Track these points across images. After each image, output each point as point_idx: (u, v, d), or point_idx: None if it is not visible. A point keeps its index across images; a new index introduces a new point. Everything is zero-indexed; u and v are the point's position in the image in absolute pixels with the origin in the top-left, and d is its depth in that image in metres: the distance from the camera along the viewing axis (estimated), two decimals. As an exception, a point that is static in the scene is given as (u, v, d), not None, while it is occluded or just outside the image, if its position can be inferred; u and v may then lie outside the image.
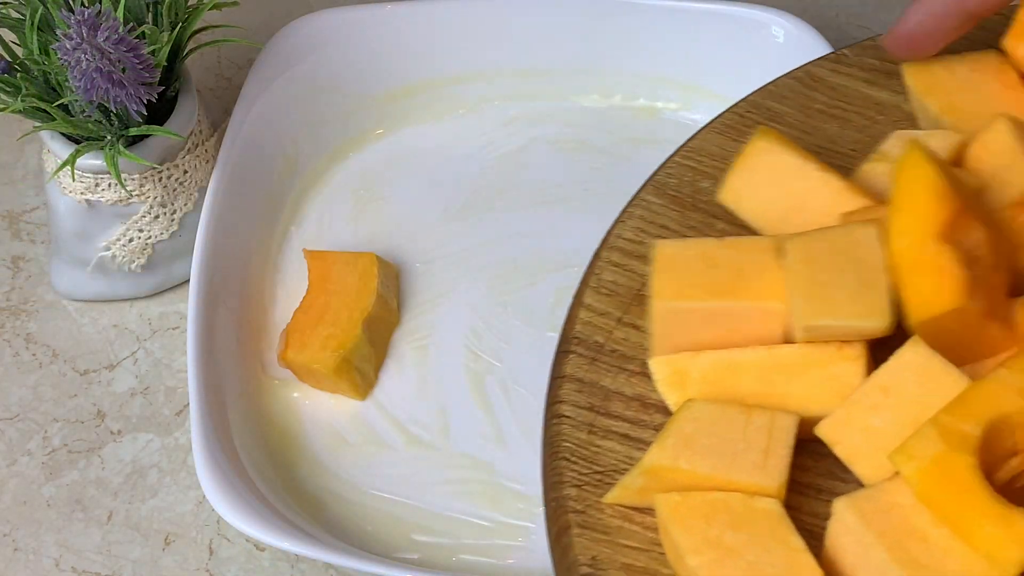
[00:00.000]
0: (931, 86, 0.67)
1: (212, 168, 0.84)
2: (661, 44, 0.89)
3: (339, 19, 0.90)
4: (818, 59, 0.72)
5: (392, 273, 0.85)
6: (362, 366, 0.80)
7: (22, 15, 0.80)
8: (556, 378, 0.62)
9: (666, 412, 0.60)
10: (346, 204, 0.89)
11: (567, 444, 0.59)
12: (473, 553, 0.76)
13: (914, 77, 0.68)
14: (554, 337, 0.83)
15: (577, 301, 0.64)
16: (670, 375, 0.59)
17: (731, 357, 0.59)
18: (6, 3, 0.80)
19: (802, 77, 0.71)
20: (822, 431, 0.57)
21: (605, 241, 0.65)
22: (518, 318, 0.84)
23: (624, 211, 0.66)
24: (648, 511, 0.57)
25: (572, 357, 0.62)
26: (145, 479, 0.80)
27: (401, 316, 0.84)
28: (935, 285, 0.57)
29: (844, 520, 0.54)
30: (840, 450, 0.57)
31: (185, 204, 0.85)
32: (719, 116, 0.70)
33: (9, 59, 0.79)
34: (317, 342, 0.80)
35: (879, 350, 0.59)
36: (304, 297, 0.82)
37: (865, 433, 0.56)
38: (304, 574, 0.77)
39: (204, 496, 0.77)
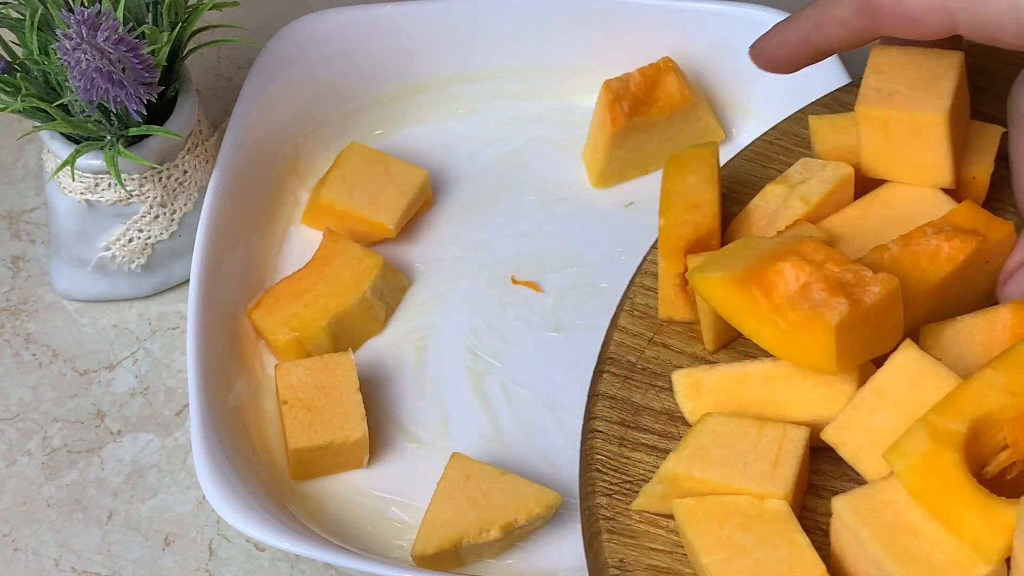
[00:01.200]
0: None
1: (212, 168, 0.84)
2: (661, 44, 0.89)
3: (339, 19, 0.90)
4: (845, 85, 0.76)
5: (399, 285, 0.85)
6: (315, 351, 0.81)
7: (22, 15, 0.80)
8: (592, 396, 0.66)
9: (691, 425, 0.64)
10: (346, 204, 0.89)
11: (599, 456, 0.64)
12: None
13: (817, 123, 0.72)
14: (554, 337, 0.83)
15: (613, 324, 0.68)
16: (688, 386, 0.64)
17: (740, 369, 0.63)
18: (6, 3, 0.80)
19: (829, 103, 0.75)
20: (828, 436, 0.61)
21: (640, 268, 0.70)
22: (518, 318, 0.84)
23: (658, 238, 0.69)
24: (672, 516, 0.61)
25: (606, 376, 0.66)
26: (145, 479, 0.80)
27: (390, 324, 0.84)
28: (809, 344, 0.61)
29: (842, 517, 0.57)
30: (844, 452, 0.60)
31: (185, 204, 0.85)
32: (749, 145, 0.73)
33: (9, 59, 0.79)
34: (282, 315, 0.81)
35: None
36: (300, 268, 0.83)
37: (866, 434, 0.60)
38: (304, 574, 0.77)
39: (204, 496, 0.77)
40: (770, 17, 0.88)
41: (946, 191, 0.68)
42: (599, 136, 0.87)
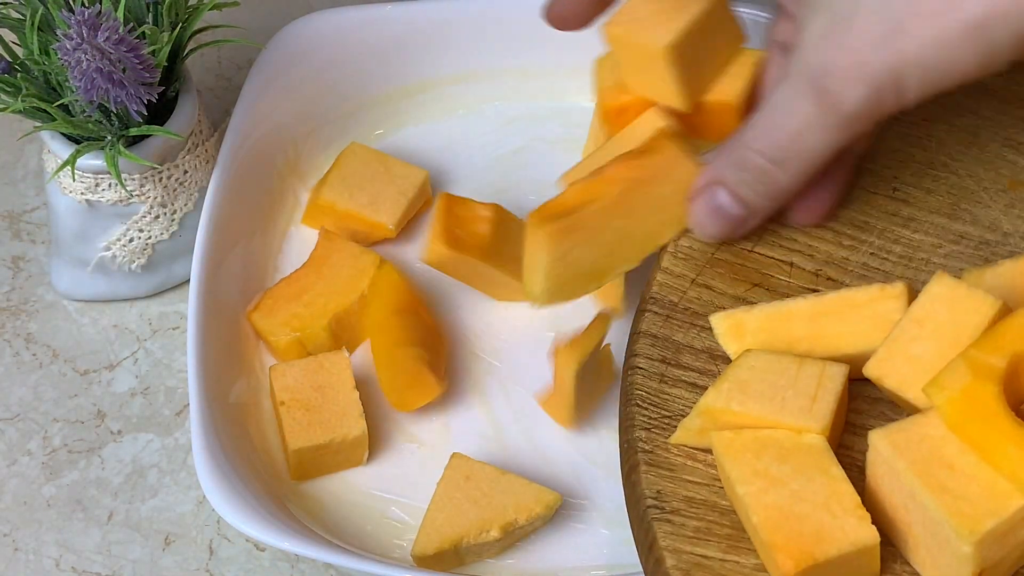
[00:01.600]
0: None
1: (212, 168, 0.84)
2: (661, 44, 0.89)
3: (339, 19, 0.90)
4: None
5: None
6: (315, 351, 0.81)
7: (22, 15, 0.80)
8: (633, 334, 0.67)
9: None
10: (346, 204, 0.89)
11: (639, 392, 0.65)
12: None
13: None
14: (554, 337, 0.83)
15: (656, 266, 0.69)
16: (729, 328, 0.65)
17: (783, 307, 0.64)
18: (6, 3, 0.80)
19: None
20: (870, 371, 0.61)
21: None
22: (518, 318, 0.84)
23: None
24: (710, 451, 0.62)
25: (648, 315, 0.67)
26: (145, 479, 0.80)
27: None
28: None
29: (879, 450, 0.58)
30: (889, 383, 0.61)
31: (185, 204, 0.85)
32: None
33: (9, 59, 0.79)
34: (282, 316, 0.81)
35: None
36: (298, 269, 0.83)
37: (910, 363, 0.60)
38: (304, 574, 0.77)
39: (204, 496, 0.77)
40: (771, 18, 0.88)
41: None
42: (599, 135, 0.87)
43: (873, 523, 0.58)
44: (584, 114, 0.90)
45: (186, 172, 0.84)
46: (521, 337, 0.84)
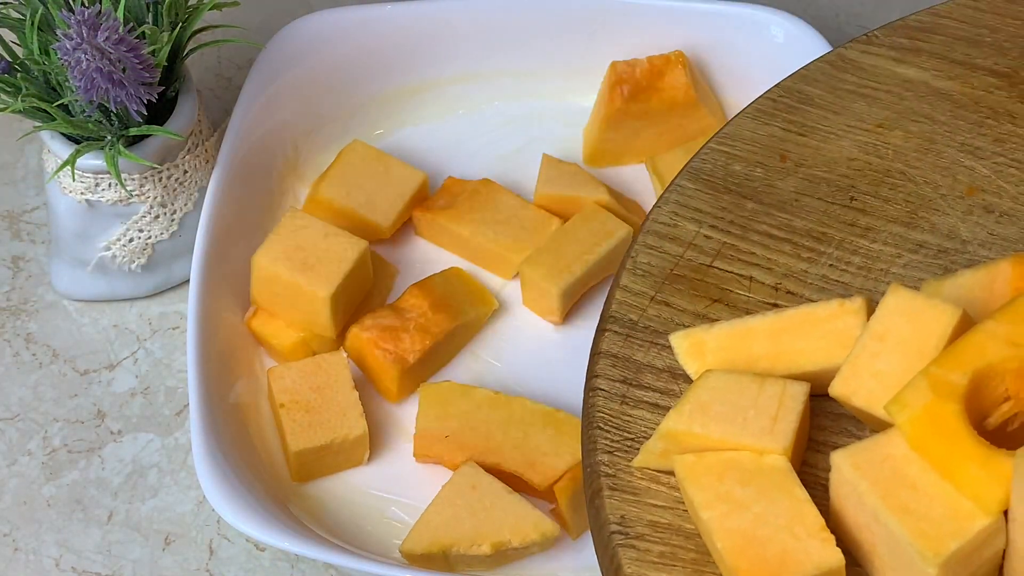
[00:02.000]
0: None
1: (212, 168, 0.84)
2: (660, 44, 0.89)
3: (339, 19, 0.90)
4: (850, 41, 0.76)
5: (388, 272, 0.85)
6: (320, 350, 0.81)
7: (22, 15, 0.80)
8: (594, 355, 0.66)
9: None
10: (346, 204, 0.89)
11: (601, 414, 0.64)
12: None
13: None
14: (554, 337, 0.83)
15: (615, 283, 0.68)
16: (689, 347, 0.64)
17: (743, 325, 0.63)
18: (6, 3, 0.80)
19: (834, 60, 0.75)
20: (835, 391, 0.60)
21: (642, 226, 0.69)
22: (518, 318, 0.84)
23: (661, 197, 0.70)
24: (673, 473, 0.61)
25: (608, 335, 0.66)
26: (145, 479, 0.80)
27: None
28: None
29: (841, 471, 0.58)
30: (857, 401, 0.60)
31: (185, 204, 0.85)
32: (752, 103, 0.73)
33: (9, 59, 0.79)
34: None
35: None
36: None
37: (876, 379, 0.60)
38: (304, 574, 0.77)
39: (204, 496, 0.77)
40: (770, 17, 0.88)
41: None
42: (596, 114, 0.88)
43: (838, 545, 0.57)
44: (584, 114, 0.91)
45: (186, 172, 0.84)
46: (521, 337, 0.84)
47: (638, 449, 0.62)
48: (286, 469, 0.78)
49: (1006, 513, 0.55)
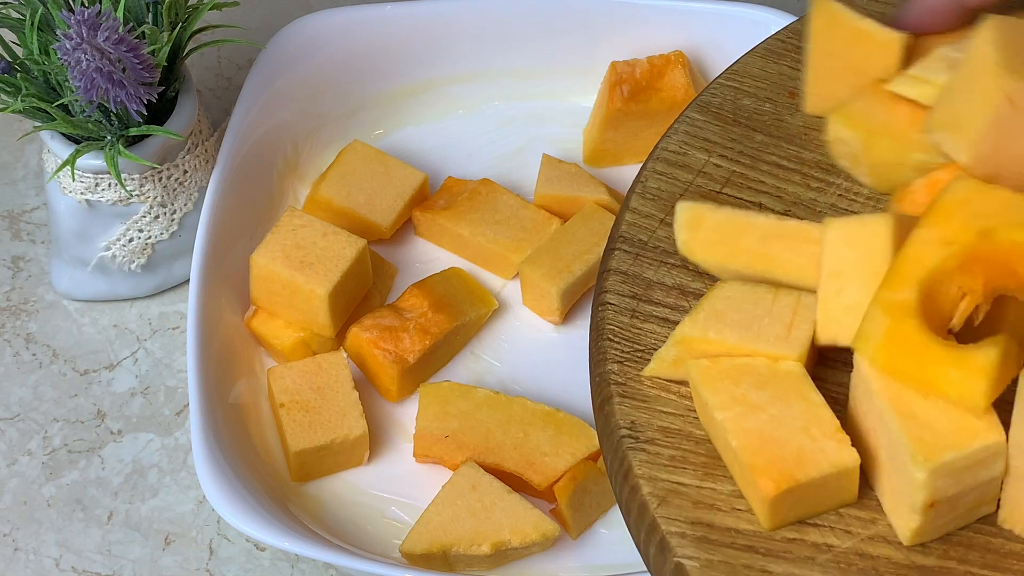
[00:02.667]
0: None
1: (212, 168, 0.84)
2: (660, 44, 0.89)
3: (339, 19, 0.90)
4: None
5: (388, 272, 0.85)
6: (320, 350, 0.81)
7: (22, 15, 0.80)
8: (603, 272, 0.67)
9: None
10: (346, 204, 0.89)
11: (610, 327, 0.64)
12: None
13: None
14: (554, 337, 0.83)
15: (624, 206, 0.69)
16: (689, 217, 0.64)
17: (744, 218, 0.63)
18: (6, 3, 0.80)
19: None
20: (821, 339, 0.61)
21: (652, 154, 0.70)
22: (518, 318, 0.84)
23: (670, 128, 0.71)
24: (684, 383, 0.62)
25: (617, 253, 0.67)
26: (145, 479, 0.80)
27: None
28: None
29: (859, 368, 0.58)
30: (844, 341, 0.60)
31: (185, 204, 0.85)
32: (762, 42, 0.74)
33: (9, 59, 0.79)
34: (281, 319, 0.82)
35: None
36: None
37: (849, 313, 0.60)
38: (304, 574, 0.77)
39: (204, 496, 0.77)
40: (770, 17, 0.88)
41: None
42: (596, 114, 0.88)
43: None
44: (584, 115, 0.91)
45: (186, 172, 0.84)
46: (522, 338, 0.84)
47: (647, 360, 0.63)
48: (286, 469, 0.79)
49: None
